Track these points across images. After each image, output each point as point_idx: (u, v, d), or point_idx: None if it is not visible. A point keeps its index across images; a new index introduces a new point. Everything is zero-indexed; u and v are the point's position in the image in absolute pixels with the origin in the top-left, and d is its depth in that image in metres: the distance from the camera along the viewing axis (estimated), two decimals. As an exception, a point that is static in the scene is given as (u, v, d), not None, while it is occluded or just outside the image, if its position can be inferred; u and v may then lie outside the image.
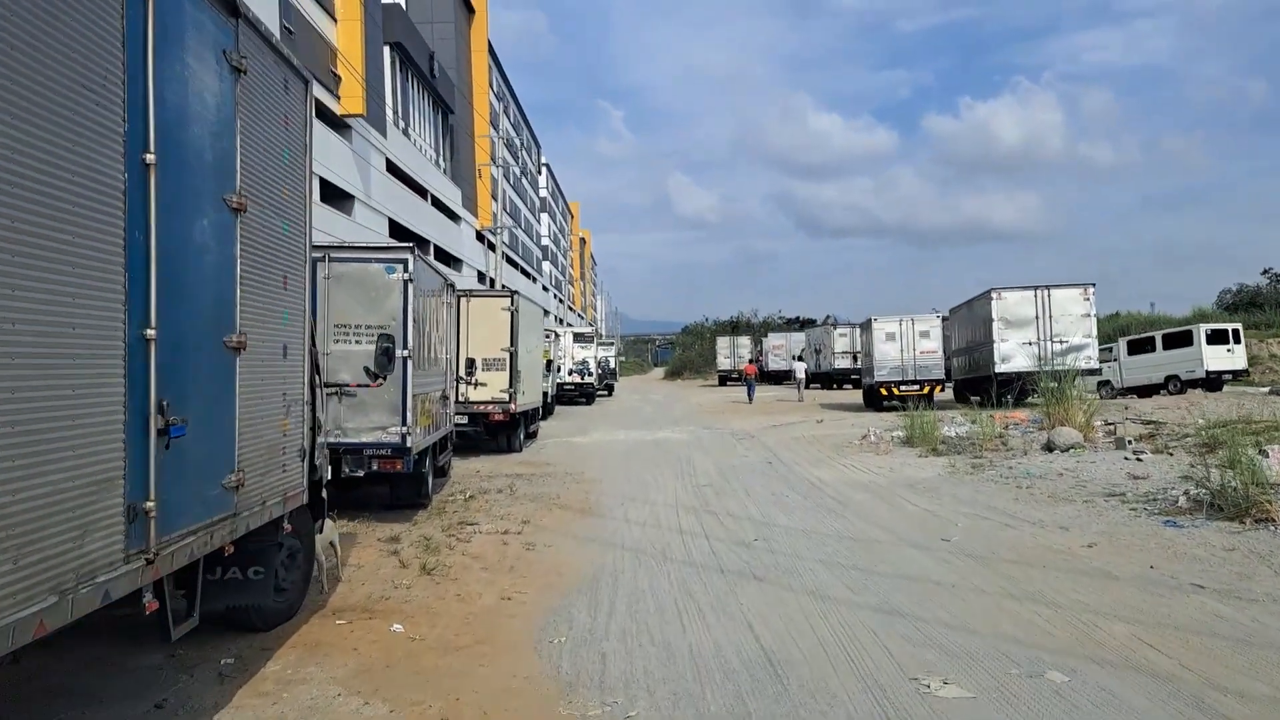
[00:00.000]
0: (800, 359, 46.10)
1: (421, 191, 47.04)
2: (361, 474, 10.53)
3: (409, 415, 10.49)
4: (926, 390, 29.42)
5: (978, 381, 30.31)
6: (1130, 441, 15.74)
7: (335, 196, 33.80)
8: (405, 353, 10.48)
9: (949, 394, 32.78)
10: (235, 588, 5.81)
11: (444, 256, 52.02)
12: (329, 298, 10.41)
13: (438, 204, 50.64)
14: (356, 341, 10.32)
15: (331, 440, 10.39)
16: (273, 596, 6.35)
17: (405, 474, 10.65)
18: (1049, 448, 15.97)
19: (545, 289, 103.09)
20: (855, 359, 45.02)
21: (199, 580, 4.69)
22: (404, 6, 49.85)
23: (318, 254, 10.34)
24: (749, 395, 40.23)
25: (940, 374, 29.59)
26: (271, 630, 6.55)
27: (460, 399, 18.49)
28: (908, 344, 29.33)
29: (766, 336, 63.60)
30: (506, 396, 18.69)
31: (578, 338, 39.04)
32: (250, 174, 4.89)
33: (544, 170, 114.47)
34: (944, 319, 31.03)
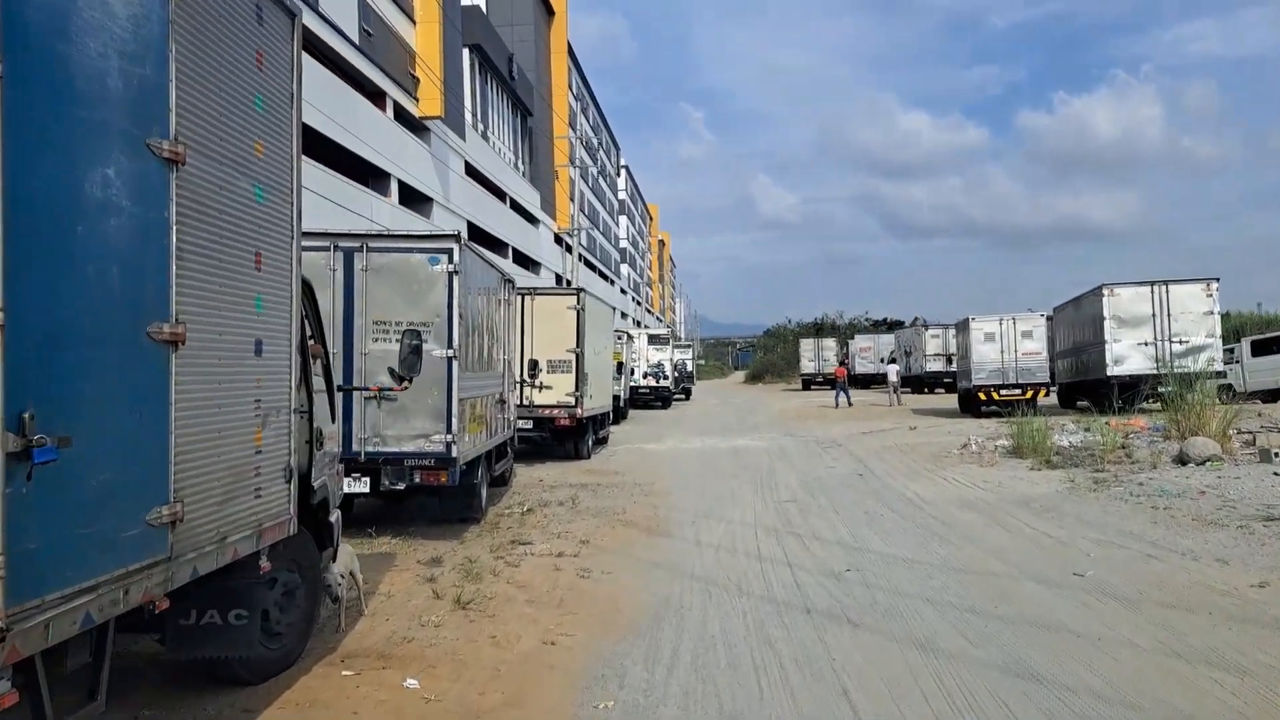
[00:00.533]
0: (894, 361, 43.98)
1: (500, 194, 46.66)
2: (402, 487, 9.46)
3: (454, 422, 9.39)
4: (1029, 395, 27.33)
5: (1086, 385, 28.11)
6: (1277, 454, 13.79)
7: (414, 199, 33.41)
8: (450, 352, 9.38)
9: (1053, 399, 30.56)
10: (213, 635, 4.71)
11: (522, 259, 51.66)
12: (366, 291, 9.38)
13: (516, 207, 50.24)
14: (397, 340, 9.25)
15: (369, 450, 9.39)
16: (262, 643, 5.23)
17: (451, 486, 9.54)
18: (1181, 460, 14.11)
19: (623, 291, 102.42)
20: (949, 361, 42.87)
21: (106, 652, 3.57)
22: (484, 9, 49.59)
23: (354, 243, 9.36)
24: (840, 399, 38.49)
25: (1045, 377, 27.47)
26: (263, 683, 5.46)
27: (524, 402, 17.45)
28: (1009, 345, 27.30)
29: (853, 339, 61.45)
30: (572, 400, 17.56)
31: (653, 339, 37.83)
32: (194, 118, 3.77)
33: (623, 172, 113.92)
34: (1048, 319, 28.87)
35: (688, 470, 16.77)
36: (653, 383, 37.37)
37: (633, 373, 35.41)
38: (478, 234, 41.31)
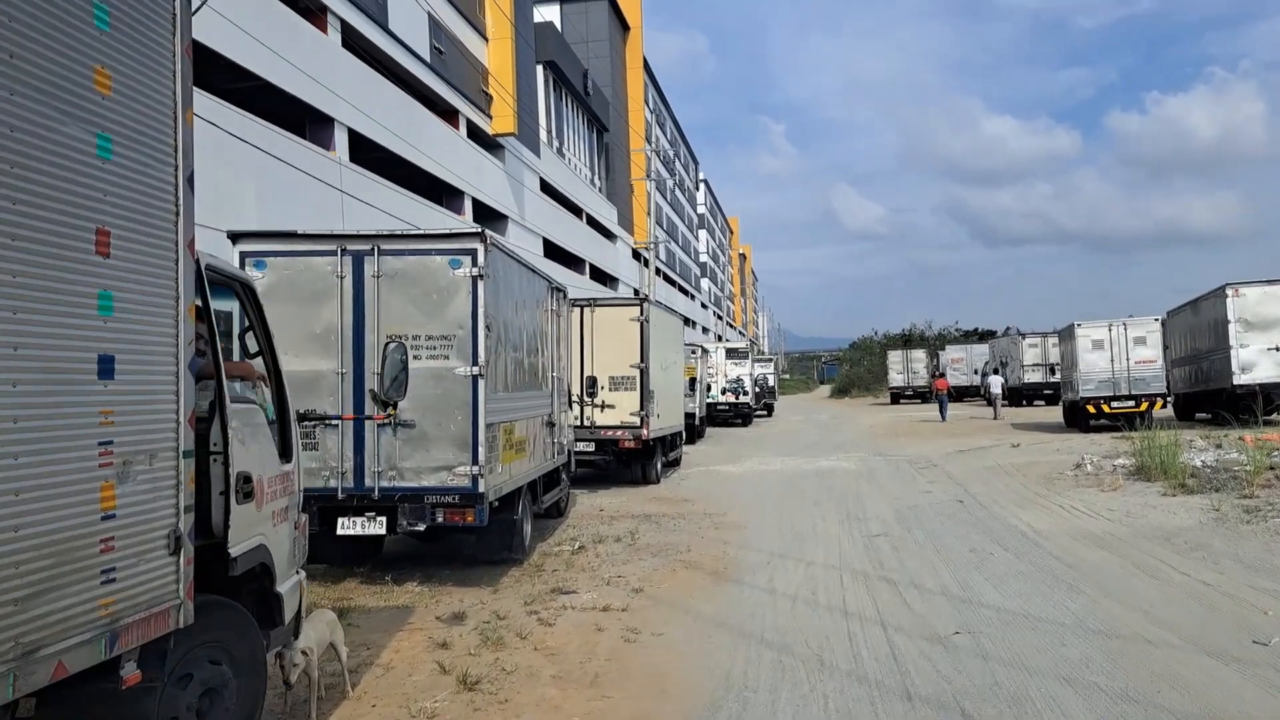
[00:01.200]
0: (995, 372, 41.31)
1: (576, 210, 46.14)
2: (422, 528, 8.13)
3: (481, 451, 8.02)
4: (1144, 407, 24.87)
5: (1207, 395, 25.54)
6: None
7: (488, 217, 32.95)
8: (475, 370, 8.03)
9: (1168, 411, 27.92)
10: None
11: (600, 275, 50.95)
12: (379, 301, 8.11)
13: (592, 222, 49.65)
14: (415, 357, 7.97)
15: (385, 485, 8.09)
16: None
17: (480, 525, 8.17)
18: (1349, 484, 11.97)
19: (704, 306, 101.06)
20: (1053, 371, 40.19)
21: None
22: (558, 26, 49.01)
23: (364, 245, 8.11)
24: (942, 413, 36.22)
25: (1160, 387, 24.96)
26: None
27: (586, 423, 16.09)
28: (1120, 353, 24.89)
29: (944, 349, 58.68)
30: (638, 420, 16.11)
31: (731, 353, 36.16)
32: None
33: (701, 186, 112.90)
34: (1161, 323, 26.34)
35: (766, 497, 15.14)
36: (732, 399, 35.71)
37: (709, 389, 33.82)
38: (554, 250, 40.71)
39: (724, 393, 35.58)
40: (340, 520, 8.19)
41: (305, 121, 22.37)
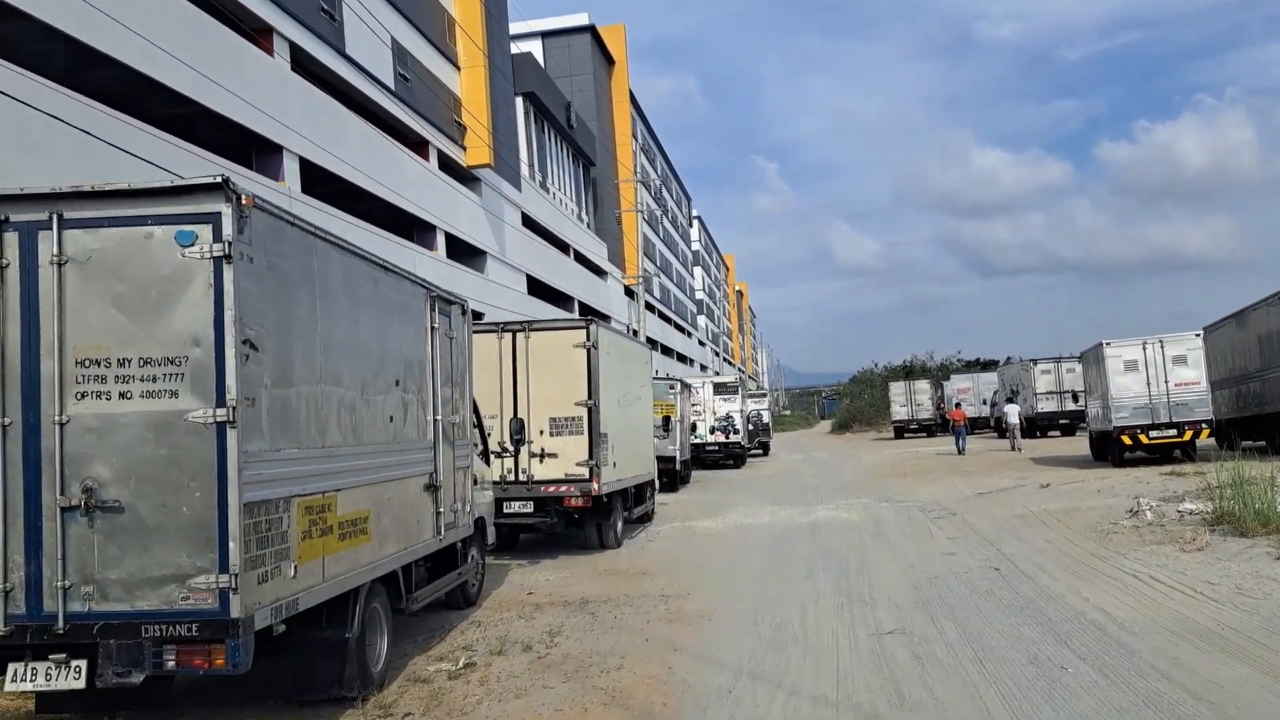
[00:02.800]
0: (1011, 400, 37.98)
1: (563, 246, 44.13)
2: (138, 681, 4.92)
3: (234, 548, 4.83)
4: (1188, 435, 21.65)
5: (1257, 421, 22.34)
6: None
7: (464, 253, 30.98)
8: (221, 413, 4.87)
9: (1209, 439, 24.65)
10: None
11: (589, 313, 48.41)
12: (61, 301, 4.97)
13: (581, 259, 47.54)
14: (122, 394, 4.83)
15: (75, 611, 4.91)
16: None
17: (237, 667, 4.95)
18: None
19: (701, 343, 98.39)
20: (1075, 399, 37.12)
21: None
22: (539, 59, 46.75)
23: (38, 211, 5.00)
24: (959, 446, 33.17)
25: (1206, 412, 21.67)
26: None
27: (521, 477, 12.93)
28: (1156, 375, 21.70)
29: (948, 379, 55.46)
30: (586, 472, 12.91)
31: (719, 389, 32.84)
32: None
33: (695, 223, 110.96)
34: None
35: (745, 567, 11.89)
36: (721, 438, 32.39)
37: (694, 428, 30.61)
38: (539, 287, 38.45)
39: (712, 431, 32.31)
40: (10, 668, 4.99)
41: (251, 151, 20.32)
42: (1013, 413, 34.55)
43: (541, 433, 13.00)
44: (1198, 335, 22.03)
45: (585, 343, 13.03)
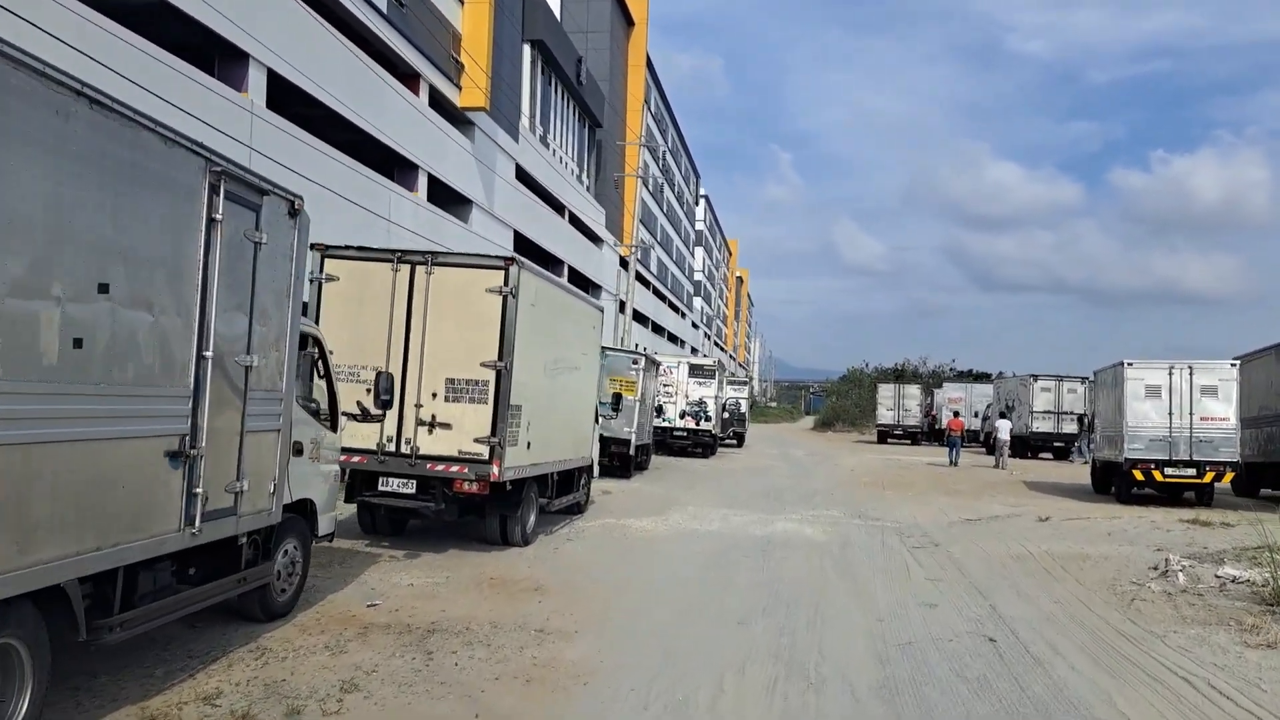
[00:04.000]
0: (1004, 415, 35.44)
1: (558, 207, 41.18)
2: None
3: None
4: (1208, 477, 19.07)
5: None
6: None
7: (448, 199, 28.30)
8: None
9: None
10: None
11: (581, 281, 46.33)
12: None
13: (577, 223, 44.68)
14: None
15: None
16: None
17: None
18: None
19: (695, 325, 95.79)
20: (1081, 421, 34.74)
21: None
22: (555, 12, 43.99)
23: None
24: (952, 457, 31.21)
25: (1232, 453, 19.05)
26: None
27: (404, 448, 10.27)
28: (1181, 404, 19.07)
29: (940, 387, 52.89)
30: (485, 450, 10.21)
31: (695, 371, 30.09)
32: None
33: (701, 202, 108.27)
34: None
35: (666, 595, 9.26)
36: (691, 424, 29.73)
37: (660, 410, 27.98)
38: (527, 246, 35.81)
39: (682, 416, 29.66)
40: None
41: (215, 55, 17.82)
42: (1003, 428, 32.08)
43: (435, 396, 10.30)
44: (1233, 365, 19.39)
45: (502, 288, 10.29)
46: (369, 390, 9.92)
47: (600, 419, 16.95)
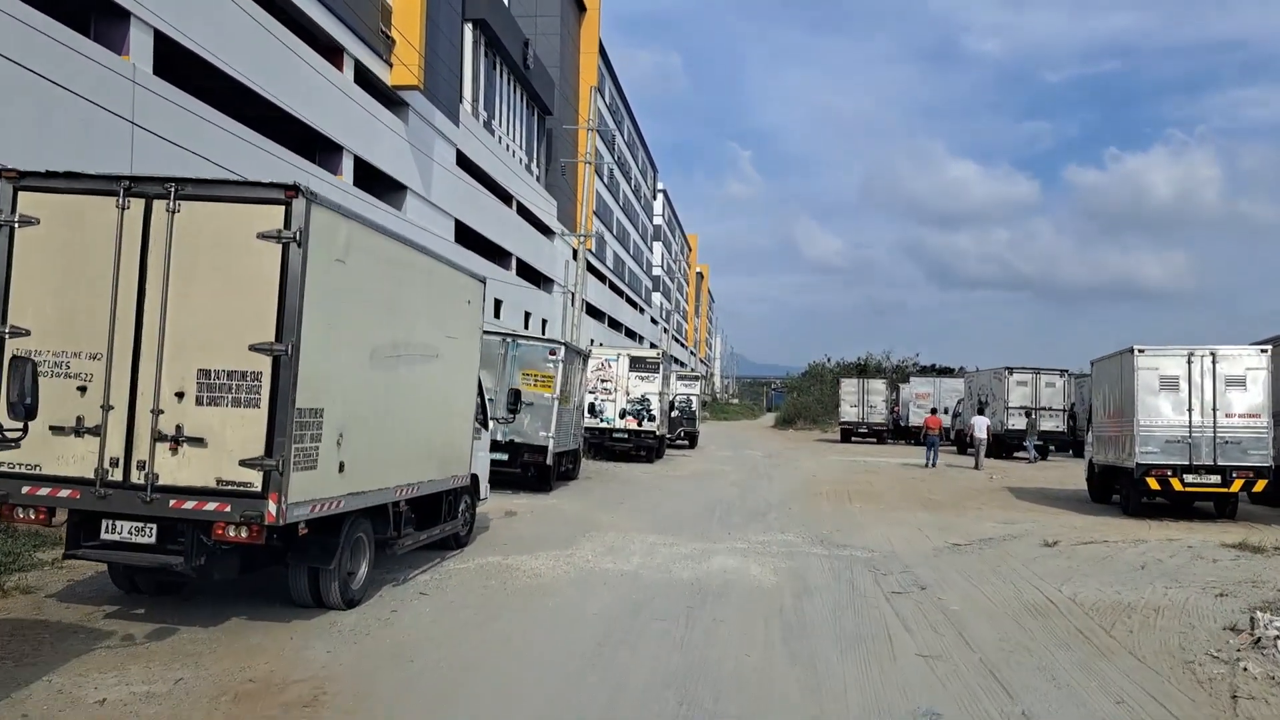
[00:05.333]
0: (981, 411, 32.50)
1: (505, 197, 38.66)
2: None
3: None
4: (1236, 486, 15.98)
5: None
6: None
7: (379, 184, 26.29)
8: None
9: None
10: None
11: (530, 273, 43.19)
12: None
13: (525, 214, 41.99)
14: None
15: None
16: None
17: None
18: None
19: (654, 320, 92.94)
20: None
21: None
22: None
23: None
24: (929, 458, 28.57)
25: (1264, 457, 15.95)
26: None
27: (134, 478, 6.77)
28: (1203, 399, 15.95)
29: (906, 382, 49.99)
30: (258, 478, 6.71)
31: (636, 364, 26.55)
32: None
33: (660, 196, 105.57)
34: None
35: (513, 710, 5.83)
36: (633, 425, 26.28)
37: (595, 410, 24.54)
38: (470, 236, 33.05)
39: (623, 416, 26.21)
40: None
41: (91, 12, 15.58)
42: (980, 426, 29.13)
43: (181, 396, 6.77)
44: (1264, 350, 16.30)
45: (282, 231, 6.77)
46: (81, 390, 6.51)
47: (496, 421, 13.51)
